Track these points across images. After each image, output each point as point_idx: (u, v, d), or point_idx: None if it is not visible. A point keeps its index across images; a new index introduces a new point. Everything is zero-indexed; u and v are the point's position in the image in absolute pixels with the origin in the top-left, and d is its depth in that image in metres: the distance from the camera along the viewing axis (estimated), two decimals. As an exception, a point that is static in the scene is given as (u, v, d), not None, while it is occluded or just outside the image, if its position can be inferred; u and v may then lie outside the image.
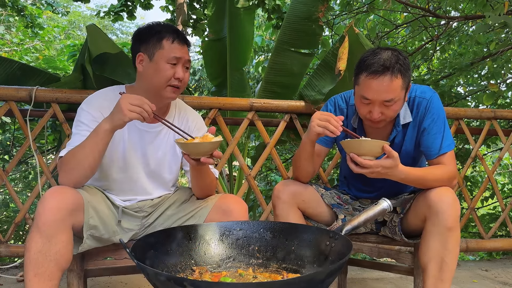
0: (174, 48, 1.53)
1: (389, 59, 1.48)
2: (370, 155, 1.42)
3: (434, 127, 1.63)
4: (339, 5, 4.83)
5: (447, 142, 1.62)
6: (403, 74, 1.49)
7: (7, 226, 4.53)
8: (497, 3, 3.30)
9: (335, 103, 1.80)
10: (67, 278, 1.55)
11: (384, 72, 1.47)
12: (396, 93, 1.50)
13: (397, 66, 1.48)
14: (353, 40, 2.41)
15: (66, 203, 1.32)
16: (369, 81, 1.50)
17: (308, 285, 0.95)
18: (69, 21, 16.27)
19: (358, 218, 1.30)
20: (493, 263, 3.00)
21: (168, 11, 6.45)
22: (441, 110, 1.65)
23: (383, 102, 1.51)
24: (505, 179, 7.87)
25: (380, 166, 1.42)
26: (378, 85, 1.48)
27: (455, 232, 1.48)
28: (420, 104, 1.65)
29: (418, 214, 1.60)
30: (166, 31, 1.55)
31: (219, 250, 1.31)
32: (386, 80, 1.47)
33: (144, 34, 1.57)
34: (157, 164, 1.65)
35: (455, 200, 1.49)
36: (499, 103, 4.74)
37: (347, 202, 1.85)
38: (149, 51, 1.54)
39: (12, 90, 2.19)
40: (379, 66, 1.47)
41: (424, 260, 1.52)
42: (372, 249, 1.80)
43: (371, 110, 1.54)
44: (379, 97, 1.50)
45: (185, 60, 1.56)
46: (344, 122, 1.76)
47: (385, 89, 1.48)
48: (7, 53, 7.44)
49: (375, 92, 1.50)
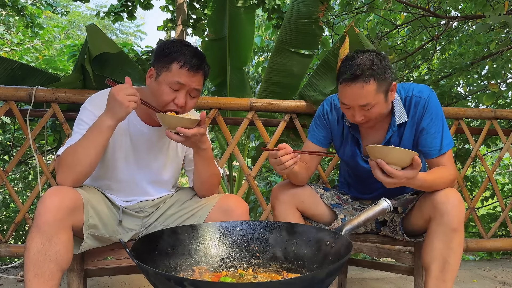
0: (181, 73, 1.46)
1: (361, 64, 1.49)
2: (397, 164, 1.38)
3: (433, 127, 1.62)
4: (339, 5, 4.83)
5: (447, 141, 1.62)
6: (377, 78, 1.50)
7: (7, 226, 4.53)
8: (497, 3, 3.30)
9: (331, 103, 1.81)
10: (67, 278, 1.55)
11: (354, 79, 1.49)
12: (369, 98, 1.51)
13: (369, 71, 1.49)
14: (353, 40, 2.41)
15: (65, 203, 1.31)
16: (343, 88, 1.54)
17: (308, 285, 0.95)
18: (69, 21, 16.28)
19: (358, 218, 1.29)
20: (493, 263, 3.00)
21: (168, 11, 6.46)
22: (439, 109, 1.64)
23: (360, 107, 1.54)
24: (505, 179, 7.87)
25: (404, 178, 1.39)
26: (351, 92, 1.52)
27: (459, 233, 1.48)
28: (417, 104, 1.64)
29: (422, 214, 1.60)
30: (180, 53, 1.47)
31: (219, 250, 1.31)
32: (357, 87, 1.49)
33: (159, 51, 1.51)
34: (159, 165, 1.65)
35: (461, 202, 1.50)
36: (499, 103, 4.75)
37: (347, 202, 1.85)
38: (158, 69, 1.49)
39: (12, 90, 2.19)
40: (350, 74, 1.50)
41: (427, 260, 1.52)
42: (372, 249, 1.80)
43: (353, 114, 1.58)
44: (354, 103, 1.53)
45: (190, 88, 1.49)
46: (339, 121, 1.78)
47: (358, 95, 1.51)
48: (7, 53, 7.45)
49: (349, 98, 1.54)
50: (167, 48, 1.49)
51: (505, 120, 3.15)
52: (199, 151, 1.54)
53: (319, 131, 1.81)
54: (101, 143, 1.40)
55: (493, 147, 5.26)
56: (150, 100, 1.50)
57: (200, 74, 1.51)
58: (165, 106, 1.49)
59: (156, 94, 1.49)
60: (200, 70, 1.50)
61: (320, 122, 1.81)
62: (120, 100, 1.35)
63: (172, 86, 1.47)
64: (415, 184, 1.47)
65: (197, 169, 1.61)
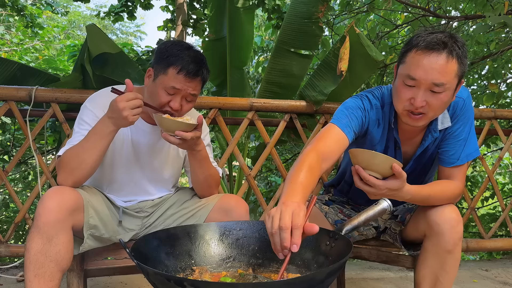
0: (177, 79, 1.44)
1: (447, 38, 1.27)
2: (378, 172, 1.24)
3: (462, 133, 1.46)
4: (339, 5, 4.83)
5: (468, 151, 1.46)
6: (460, 59, 1.27)
7: (7, 226, 4.54)
8: (497, 3, 3.30)
9: (370, 101, 1.52)
10: (67, 278, 1.55)
11: (440, 49, 1.24)
12: (449, 77, 1.26)
13: (456, 48, 1.26)
14: (354, 40, 2.41)
15: (66, 203, 1.31)
16: (420, 57, 1.26)
17: (308, 285, 0.95)
18: (69, 21, 16.27)
19: (358, 217, 1.29)
20: (493, 263, 3.00)
21: (168, 11, 6.46)
22: (472, 112, 1.47)
23: (431, 86, 1.27)
24: (505, 179, 7.87)
25: (386, 188, 1.25)
26: (430, 62, 1.25)
27: (454, 254, 1.39)
28: (456, 105, 1.45)
29: (417, 229, 1.51)
30: (178, 57, 1.45)
31: (219, 250, 1.31)
32: (441, 59, 1.24)
33: (159, 52, 1.51)
34: (159, 165, 1.65)
35: (458, 222, 1.37)
36: (499, 103, 4.75)
37: (349, 216, 1.75)
38: (156, 71, 1.49)
39: (12, 90, 2.19)
40: (436, 41, 1.25)
41: (420, 276, 1.47)
42: (371, 252, 1.77)
43: (414, 97, 1.29)
44: (428, 77, 1.25)
45: (186, 93, 1.48)
46: (380, 123, 1.53)
47: (438, 68, 1.24)
48: (7, 53, 7.45)
49: (425, 70, 1.25)
50: (166, 51, 1.48)
51: (505, 120, 3.15)
52: (193, 153, 1.54)
53: (354, 123, 1.47)
54: (102, 146, 1.41)
55: (493, 147, 5.27)
56: (147, 100, 1.49)
57: (198, 80, 1.49)
58: (161, 107, 1.49)
59: (153, 96, 1.50)
60: (198, 77, 1.48)
61: (358, 114, 1.48)
62: (123, 114, 1.34)
63: (167, 90, 1.46)
64: (403, 198, 1.32)
65: (193, 171, 1.61)
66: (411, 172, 1.53)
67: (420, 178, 1.63)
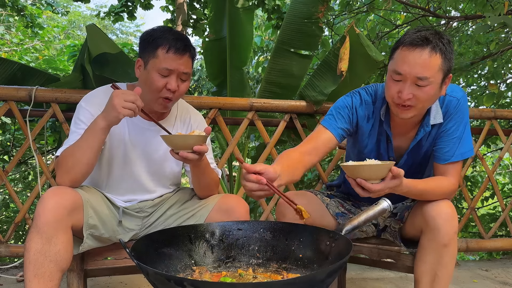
0: (167, 58, 1.47)
1: (431, 36, 1.36)
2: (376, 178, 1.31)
3: (456, 131, 1.53)
4: (339, 5, 4.82)
5: (462, 150, 1.52)
6: (444, 55, 1.36)
7: (7, 226, 4.54)
8: (497, 3, 3.30)
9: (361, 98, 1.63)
10: (67, 278, 1.55)
11: (423, 45, 1.34)
12: (432, 71, 1.35)
13: (439, 44, 1.35)
14: (354, 41, 2.41)
15: (65, 203, 1.31)
16: (405, 53, 1.37)
17: (308, 285, 0.95)
18: (69, 21, 16.27)
19: (358, 217, 1.29)
20: (493, 263, 3.00)
21: (168, 11, 6.45)
22: (467, 112, 1.54)
23: (415, 80, 1.37)
24: (505, 179, 7.87)
25: (387, 188, 1.31)
26: (414, 58, 1.35)
27: (450, 248, 1.43)
28: (449, 104, 1.53)
29: (414, 226, 1.56)
30: (163, 38, 1.48)
31: (219, 250, 1.31)
32: (424, 54, 1.34)
33: (143, 40, 1.53)
34: (159, 161, 1.65)
35: (453, 216, 1.43)
36: (499, 103, 4.75)
37: (350, 211, 1.79)
38: (145, 58, 1.51)
39: (12, 90, 2.19)
40: (420, 38, 1.35)
41: (418, 273, 1.49)
42: (372, 250, 1.78)
43: (401, 90, 1.39)
44: (412, 71, 1.36)
45: (179, 73, 1.50)
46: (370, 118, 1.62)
47: (421, 63, 1.34)
48: (6, 53, 7.44)
49: (409, 65, 1.36)
50: (150, 36, 1.51)
51: (505, 120, 3.15)
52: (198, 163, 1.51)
53: (341, 122, 1.60)
54: (96, 144, 1.40)
55: (493, 147, 5.26)
56: (143, 91, 1.48)
57: (187, 56, 1.52)
58: (158, 93, 1.50)
59: (147, 83, 1.50)
60: (186, 52, 1.51)
61: (344, 113, 1.61)
62: (115, 104, 1.34)
63: (161, 72, 1.48)
64: (401, 191, 1.39)
65: (195, 177, 1.61)
66: (408, 168, 1.56)
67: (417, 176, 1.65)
